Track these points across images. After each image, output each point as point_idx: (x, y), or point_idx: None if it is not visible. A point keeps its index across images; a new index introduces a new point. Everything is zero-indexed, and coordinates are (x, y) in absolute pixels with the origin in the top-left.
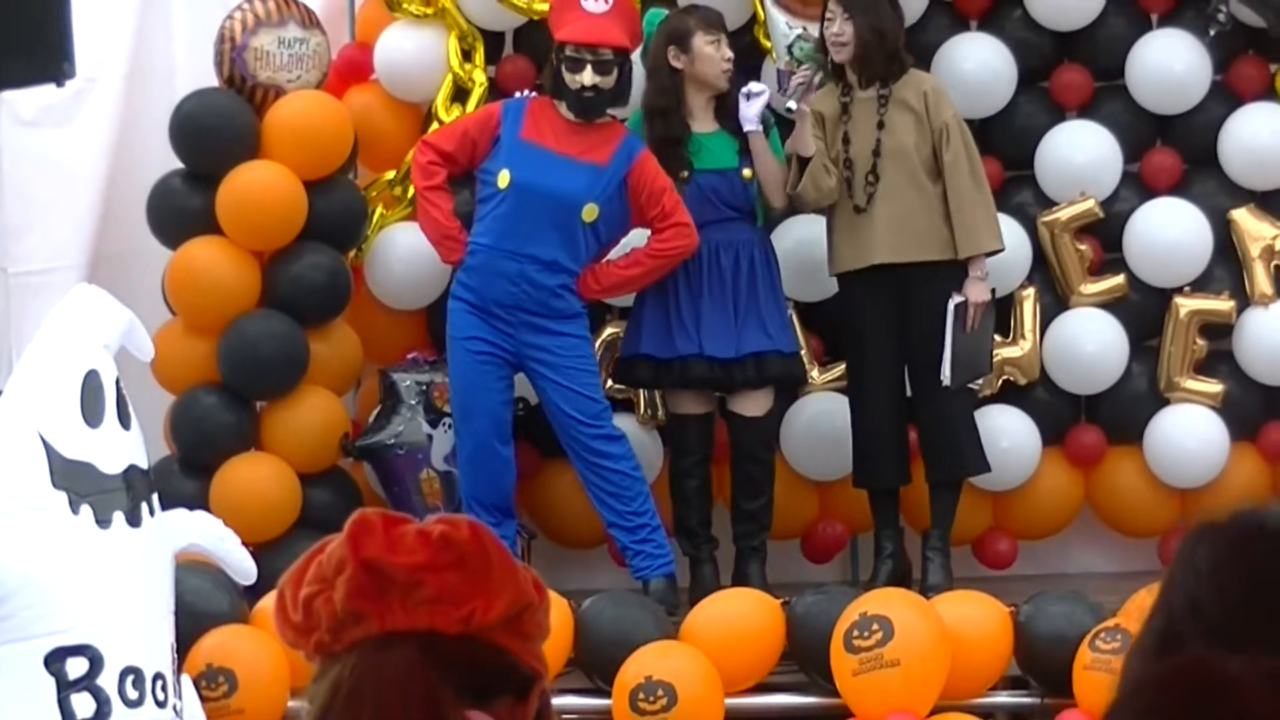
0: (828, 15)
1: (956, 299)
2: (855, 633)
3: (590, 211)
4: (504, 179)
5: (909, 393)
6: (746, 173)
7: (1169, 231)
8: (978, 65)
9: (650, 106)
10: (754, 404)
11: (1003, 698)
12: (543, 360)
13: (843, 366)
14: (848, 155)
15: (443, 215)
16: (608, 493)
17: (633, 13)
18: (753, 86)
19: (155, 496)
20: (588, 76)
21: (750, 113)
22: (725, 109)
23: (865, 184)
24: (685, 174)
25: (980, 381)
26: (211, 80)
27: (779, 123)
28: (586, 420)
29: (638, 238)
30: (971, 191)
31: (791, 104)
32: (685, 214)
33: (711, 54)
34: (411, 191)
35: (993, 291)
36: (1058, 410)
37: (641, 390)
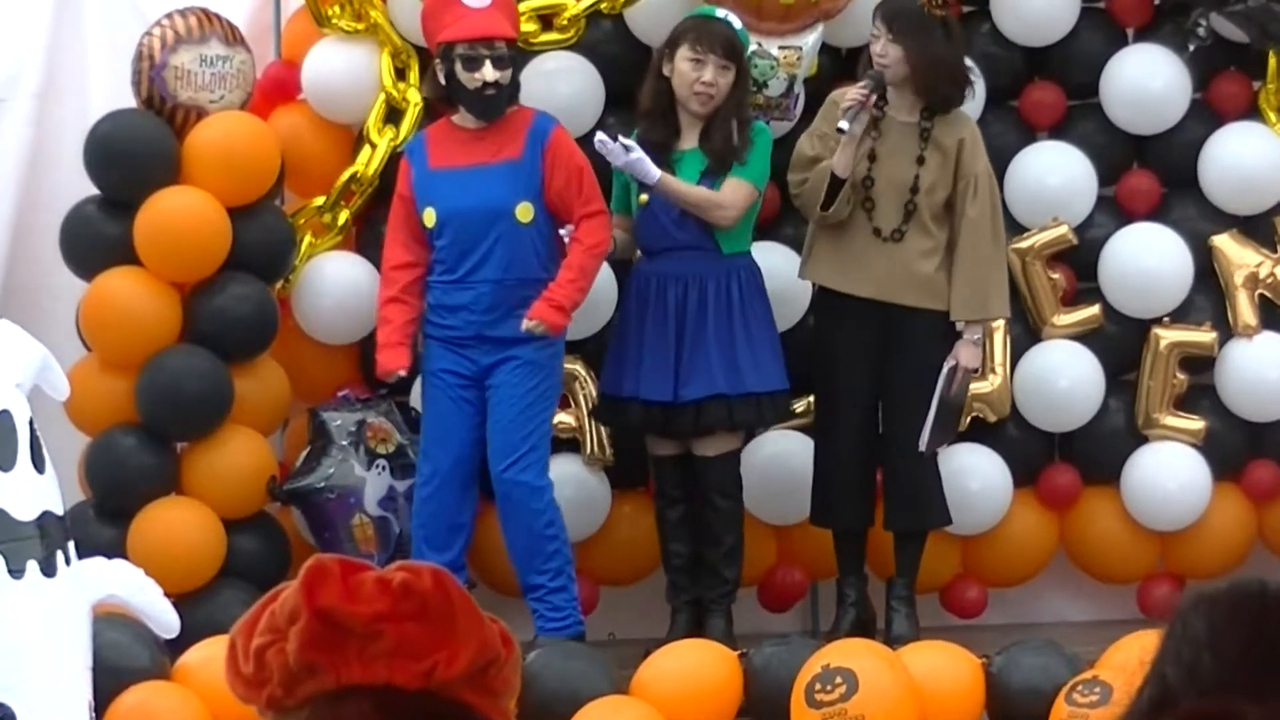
0: (873, 32)
1: (951, 362)
2: (817, 686)
3: (525, 211)
4: (430, 217)
5: (880, 430)
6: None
7: (1147, 259)
8: None
9: (640, 108)
10: (712, 444)
11: None
12: (493, 385)
13: (803, 404)
14: (870, 174)
15: (384, 331)
16: (511, 543)
17: (512, 4)
18: (624, 156)
19: (71, 544)
20: (488, 72)
21: (644, 169)
22: (708, 131)
23: (900, 216)
24: (644, 197)
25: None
26: (129, 101)
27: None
28: (500, 457)
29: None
30: (990, 252)
31: (844, 124)
32: (601, 200)
33: (685, 71)
34: (342, 218)
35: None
36: (1029, 449)
37: (589, 428)
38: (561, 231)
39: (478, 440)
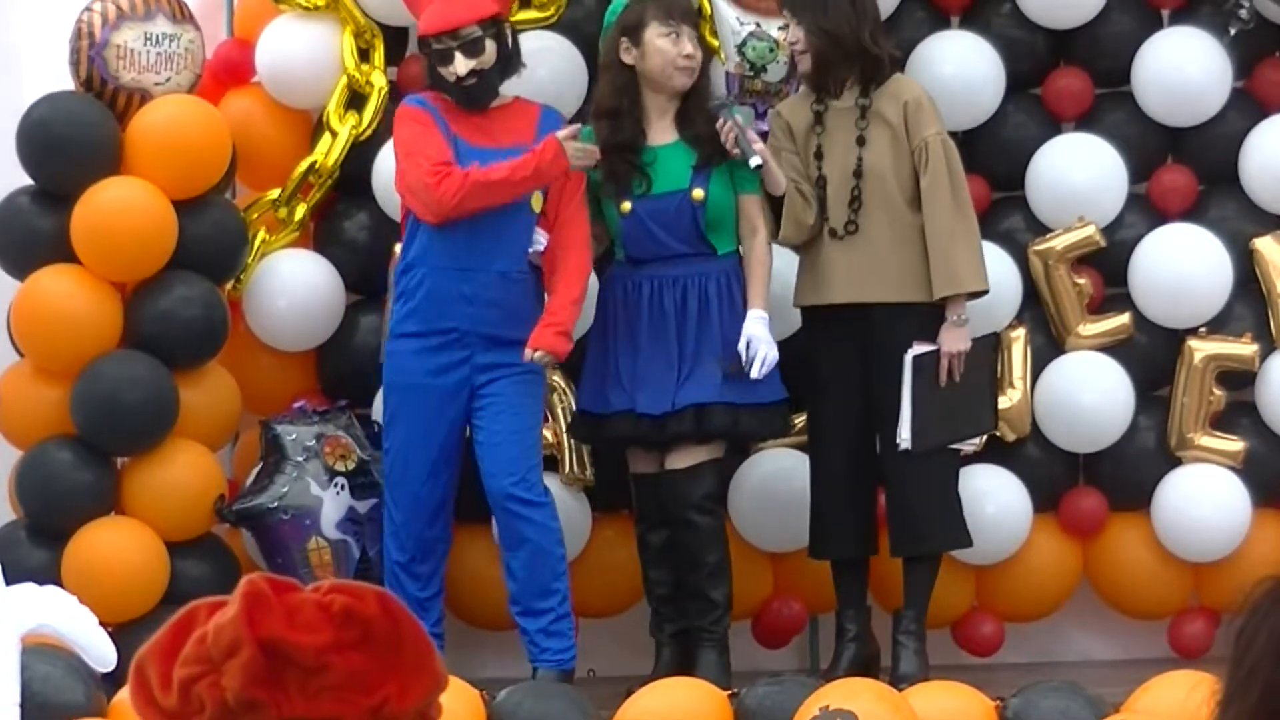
0: (782, 23)
1: (917, 349)
2: None
3: (538, 200)
4: None
5: (878, 449)
6: (697, 193)
7: (1181, 263)
8: (959, 68)
9: (598, 108)
10: (683, 457)
11: None
12: (490, 394)
13: (803, 419)
14: (821, 172)
15: (492, 168)
16: (516, 566)
17: None
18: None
19: None
20: (460, 65)
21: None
22: (687, 115)
23: (848, 208)
24: (627, 205)
25: (975, 442)
26: (66, 83)
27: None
28: (506, 472)
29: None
30: (950, 221)
31: (755, 161)
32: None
33: (665, 48)
34: (299, 213)
35: (996, 336)
36: (1051, 471)
37: (568, 445)
38: (538, 238)
39: (457, 453)
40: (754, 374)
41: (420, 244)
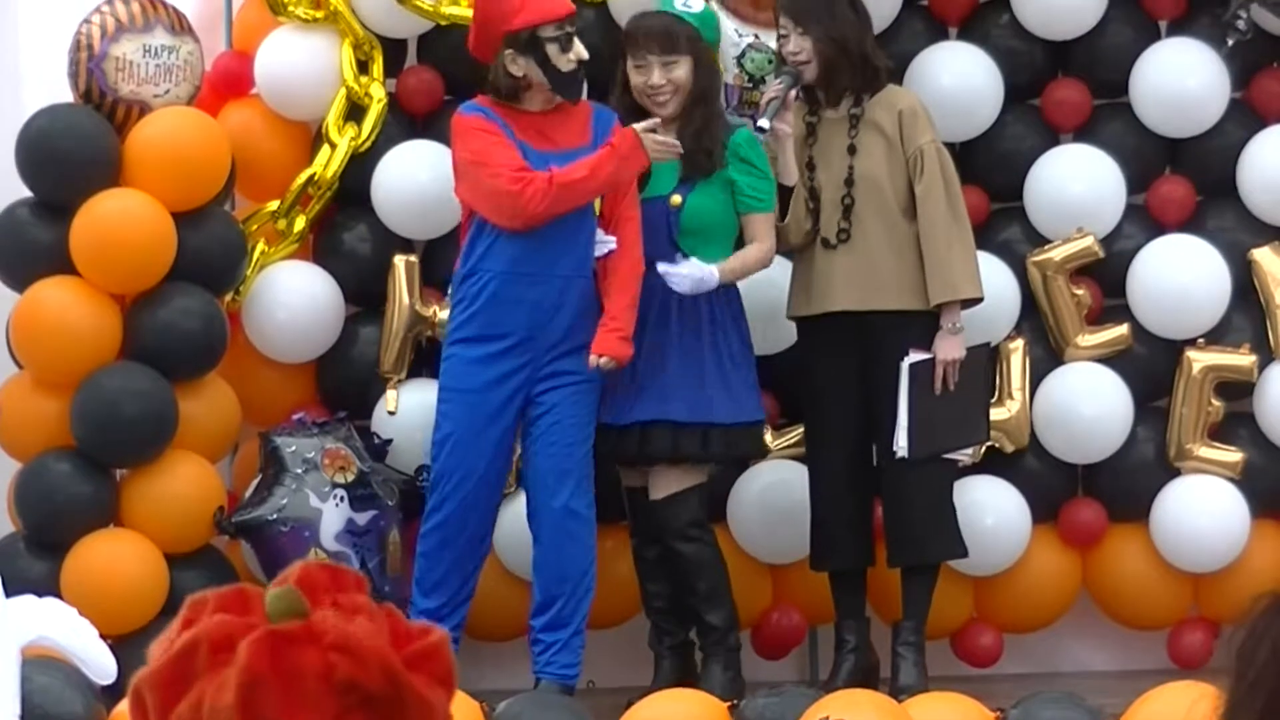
0: (781, 31)
1: (914, 357)
2: None
3: (597, 201)
4: None
5: (875, 460)
6: (674, 199)
7: (1180, 274)
8: (958, 79)
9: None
10: (659, 484)
11: None
12: (545, 404)
13: (801, 430)
14: (813, 183)
15: (572, 167)
16: (548, 578)
17: None
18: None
19: None
20: (581, 50)
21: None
22: (681, 130)
23: (839, 216)
24: None
25: (968, 452)
26: (66, 94)
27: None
28: (559, 484)
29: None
30: (946, 228)
31: (764, 123)
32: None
33: (633, 79)
34: (299, 225)
35: (992, 348)
36: (1050, 482)
37: None
38: (604, 242)
39: (506, 461)
40: (659, 268)
41: (483, 250)
